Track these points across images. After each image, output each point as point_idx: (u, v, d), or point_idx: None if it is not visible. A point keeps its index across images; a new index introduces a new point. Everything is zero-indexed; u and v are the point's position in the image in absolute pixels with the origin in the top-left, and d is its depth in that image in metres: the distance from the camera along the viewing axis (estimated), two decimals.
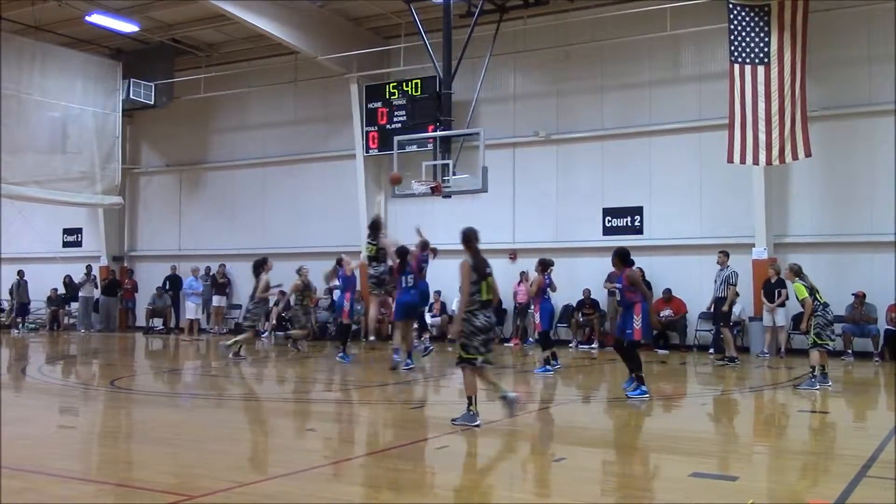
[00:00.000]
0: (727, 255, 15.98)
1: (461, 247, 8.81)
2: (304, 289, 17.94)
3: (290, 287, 18.27)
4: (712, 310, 16.36)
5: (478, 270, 8.49)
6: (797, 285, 12.35)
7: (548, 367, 13.94)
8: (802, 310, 12.55)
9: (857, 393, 13.08)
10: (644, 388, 10.64)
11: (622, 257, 11.06)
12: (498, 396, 8.64)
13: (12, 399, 10.95)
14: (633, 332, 10.71)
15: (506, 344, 20.01)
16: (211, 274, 24.26)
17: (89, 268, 25.61)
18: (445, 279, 20.88)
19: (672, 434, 8.77)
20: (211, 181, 25.79)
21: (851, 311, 16.88)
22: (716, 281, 15.90)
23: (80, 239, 27.68)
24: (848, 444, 8.02)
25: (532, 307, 16.47)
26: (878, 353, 16.66)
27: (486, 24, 18.82)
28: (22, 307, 25.50)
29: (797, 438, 8.78)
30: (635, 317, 10.71)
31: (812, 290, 12.36)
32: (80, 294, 25.36)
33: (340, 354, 15.57)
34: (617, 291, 11.13)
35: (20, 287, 25.40)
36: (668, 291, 18.72)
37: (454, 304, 20.67)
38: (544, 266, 14.49)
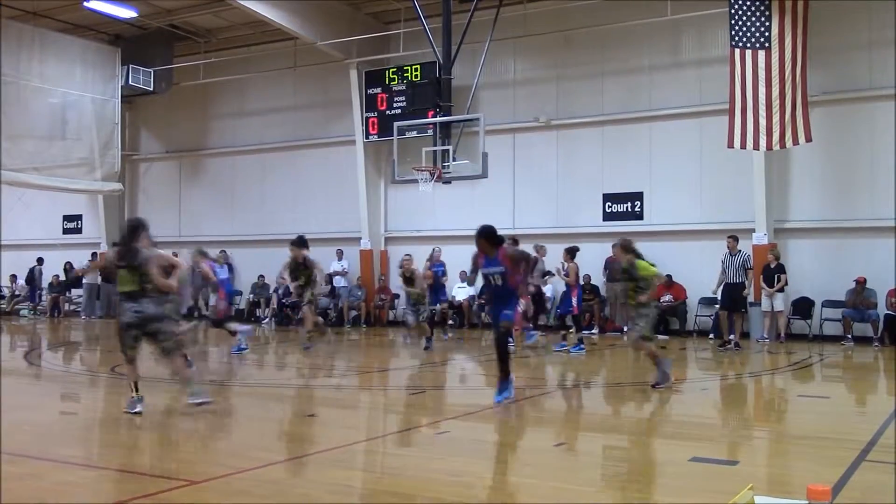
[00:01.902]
0: (737, 239, 15.89)
1: (463, 233, 8.95)
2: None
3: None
4: (724, 295, 16.13)
5: (117, 259, 8.24)
6: (641, 263, 10.46)
7: (580, 345, 15.13)
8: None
9: (856, 378, 13.12)
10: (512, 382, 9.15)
11: (490, 237, 8.97)
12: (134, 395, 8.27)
13: (13, 385, 10.96)
14: (513, 312, 8.89)
15: None
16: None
17: (94, 255, 25.62)
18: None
19: (672, 419, 8.79)
20: (210, 167, 25.77)
21: (852, 296, 16.88)
22: (726, 267, 15.79)
23: (80, 225, 27.68)
24: (847, 429, 8.04)
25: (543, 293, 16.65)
26: (877, 337, 16.68)
27: (486, 8, 18.75)
28: (33, 293, 25.76)
29: (797, 423, 8.80)
30: (521, 300, 9.11)
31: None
32: (83, 281, 25.40)
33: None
34: (495, 277, 8.87)
35: (40, 275, 25.66)
36: (668, 277, 18.70)
37: (454, 290, 20.75)
38: (572, 253, 15.31)
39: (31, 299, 26.00)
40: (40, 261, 25.84)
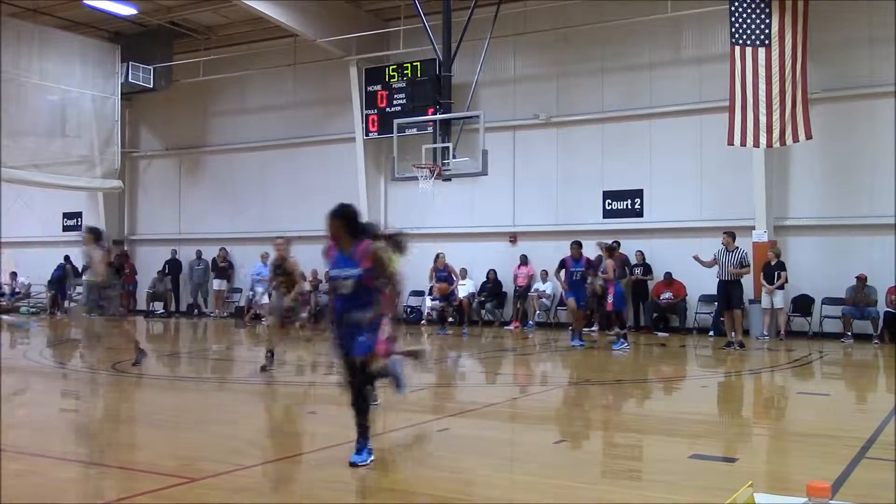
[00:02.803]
0: (733, 236, 15.36)
1: (463, 230, 8.91)
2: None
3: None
4: (720, 293, 15.51)
5: None
6: (381, 254, 7.30)
7: (623, 341, 14.95)
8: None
9: (856, 375, 13.13)
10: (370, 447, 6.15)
11: (349, 221, 6.46)
12: None
13: (13, 383, 10.96)
14: (367, 338, 6.16)
15: (506, 327, 20.03)
16: (207, 258, 24.29)
17: None
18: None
19: (672, 416, 8.79)
20: (210, 165, 25.76)
21: (852, 293, 16.89)
22: (721, 264, 15.18)
23: (79, 223, 27.59)
24: (847, 426, 8.04)
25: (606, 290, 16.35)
26: (877, 335, 16.68)
27: (486, 6, 18.72)
28: (63, 293, 25.67)
29: (797, 420, 8.81)
30: (381, 320, 6.65)
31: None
32: (84, 278, 25.35)
33: None
34: (345, 283, 6.23)
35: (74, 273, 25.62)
36: (668, 275, 18.72)
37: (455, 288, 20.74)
38: (611, 251, 15.33)
39: (62, 298, 25.60)
40: (67, 258, 25.69)
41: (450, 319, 20.60)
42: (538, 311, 20.15)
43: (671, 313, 18.82)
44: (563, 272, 15.68)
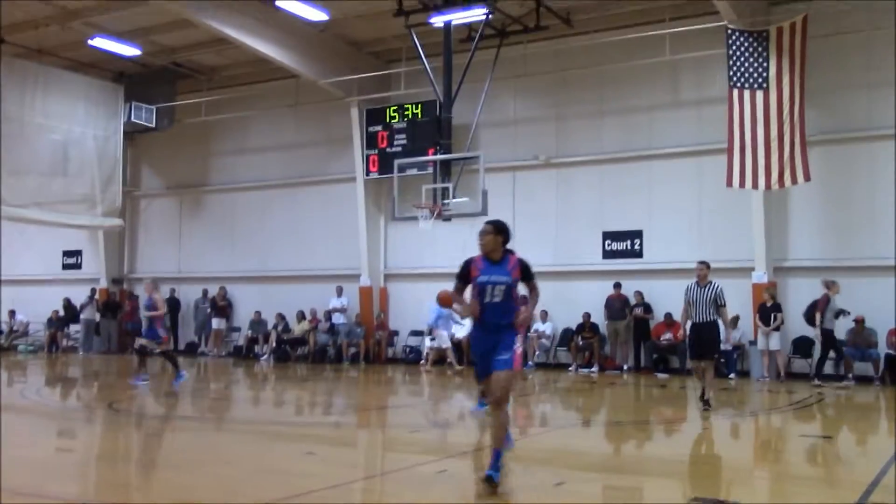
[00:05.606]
0: (708, 266, 12.29)
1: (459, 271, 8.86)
2: None
3: None
4: (692, 339, 12.23)
5: None
6: None
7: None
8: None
9: (857, 417, 13.05)
10: None
11: None
12: None
13: (11, 421, 10.90)
14: None
15: None
16: (210, 297, 24.26)
17: (93, 290, 25.63)
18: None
19: (673, 458, 8.73)
20: (211, 204, 25.82)
21: (852, 335, 16.85)
22: (691, 300, 12.16)
23: (79, 261, 27.68)
24: (849, 469, 7.99)
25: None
26: (878, 377, 16.62)
27: (487, 48, 18.92)
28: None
29: (798, 463, 8.75)
30: None
31: None
32: (81, 316, 25.35)
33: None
34: None
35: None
36: (668, 315, 18.67)
37: (453, 328, 20.72)
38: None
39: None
40: (93, 291, 25.79)
41: (448, 361, 20.54)
42: (538, 352, 20.08)
43: (671, 354, 18.75)
44: (467, 291, 7.49)
